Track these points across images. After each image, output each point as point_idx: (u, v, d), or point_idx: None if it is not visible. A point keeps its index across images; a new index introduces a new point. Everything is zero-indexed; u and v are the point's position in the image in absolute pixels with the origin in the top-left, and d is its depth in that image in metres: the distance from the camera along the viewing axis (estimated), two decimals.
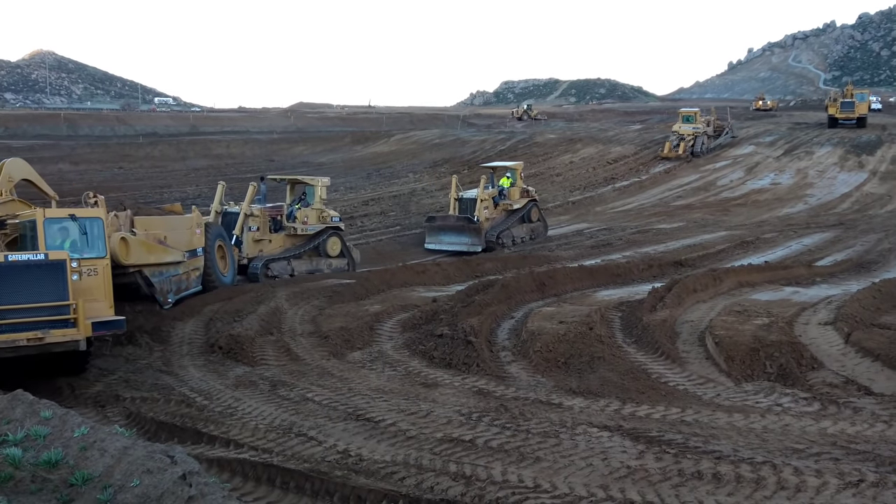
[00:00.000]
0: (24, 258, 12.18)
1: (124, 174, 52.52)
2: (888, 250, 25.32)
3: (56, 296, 12.20)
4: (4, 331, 11.79)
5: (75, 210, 13.53)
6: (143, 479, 6.58)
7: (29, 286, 12.03)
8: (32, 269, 12.11)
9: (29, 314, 11.98)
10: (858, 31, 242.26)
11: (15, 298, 11.91)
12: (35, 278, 12.09)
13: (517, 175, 30.95)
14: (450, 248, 28.38)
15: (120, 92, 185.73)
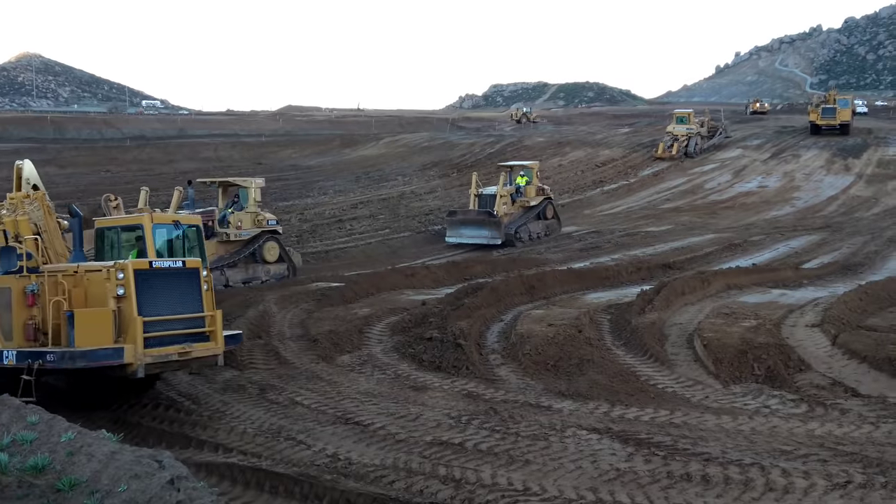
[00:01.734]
0: (166, 265, 11.20)
1: (112, 177, 52.23)
2: (874, 253, 25.49)
3: (192, 306, 11.29)
4: (152, 344, 10.71)
5: (178, 216, 12.56)
6: (131, 483, 6.54)
7: (168, 295, 11.07)
8: (171, 276, 11.19)
9: (170, 326, 10.99)
10: (844, 35, 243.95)
11: (158, 309, 10.91)
12: (172, 287, 11.15)
13: (533, 174, 31.90)
14: (470, 241, 29.15)
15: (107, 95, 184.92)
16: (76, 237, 11.95)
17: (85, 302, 10.85)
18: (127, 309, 10.67)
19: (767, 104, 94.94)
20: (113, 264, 10.87)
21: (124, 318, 10.65)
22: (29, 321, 10.75)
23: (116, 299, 10.68)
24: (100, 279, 10.87)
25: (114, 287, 10.66)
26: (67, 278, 10.94)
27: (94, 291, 10.92)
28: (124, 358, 10.33)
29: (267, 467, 9.50)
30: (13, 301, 10.72)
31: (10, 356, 10.51)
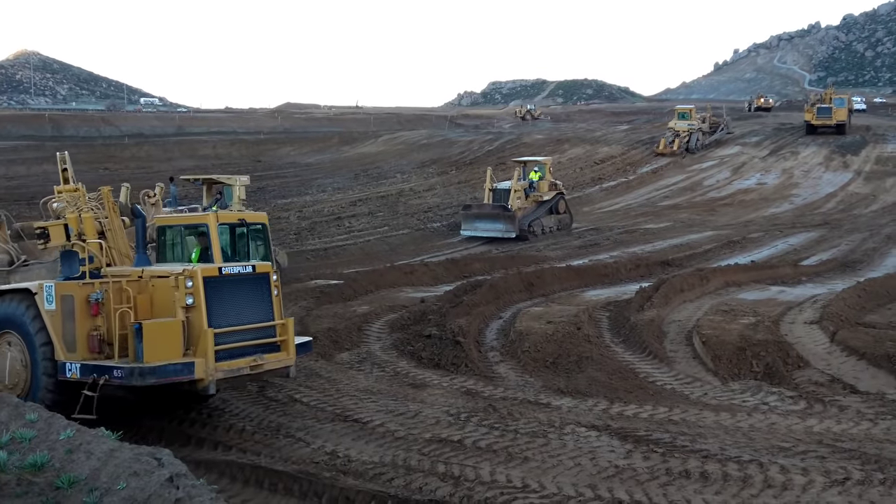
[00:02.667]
0: (235, 270, 10.47)
1: (110, 175, 52.04)
2: (873, 250, 25.52)
3: (263, 314, 10.57)
4: (223, 357, 9.99)
5: (244, 214, 11.65)
6: (130, 481, 6.54)
7: (238, 303, 10.36)
8: (240, 283, 10.43)
9: (241, 337, 10.27)
10: (843, 32, 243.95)
11: (228, 318, 10.18)
12: (242, 294, 10.43)
13: (546, 169, 32.82)
14: (485, 234, 29.91)
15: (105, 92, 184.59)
16: (140, 239, 11.03)
17: (150, 310, 10.13)
18: (196, 319, 9.93)
19: (772, 100, 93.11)
20: (182, 271, 10.04)
21: (193, 330, 9.91)
22: (93, 332, 10.02)
23: (185, 309, 9.94)
24: (167, 286, 10.11)
25: (183, 296, 9.89)
26: (132, 284, 10.22)
27: (160, 299, 10.17)
28: (195, 373, 9.66)
29: (266, 465, 9.50)
30: (76, 310, 9.97)
31: (73, 369, 9.78)
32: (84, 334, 9.99)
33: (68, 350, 9.91)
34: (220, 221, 11.01)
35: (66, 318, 9.97)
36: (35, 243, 13.57)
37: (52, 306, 9.92)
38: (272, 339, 10.59)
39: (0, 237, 13.25)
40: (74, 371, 9.78)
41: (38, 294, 9.96)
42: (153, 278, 10.34)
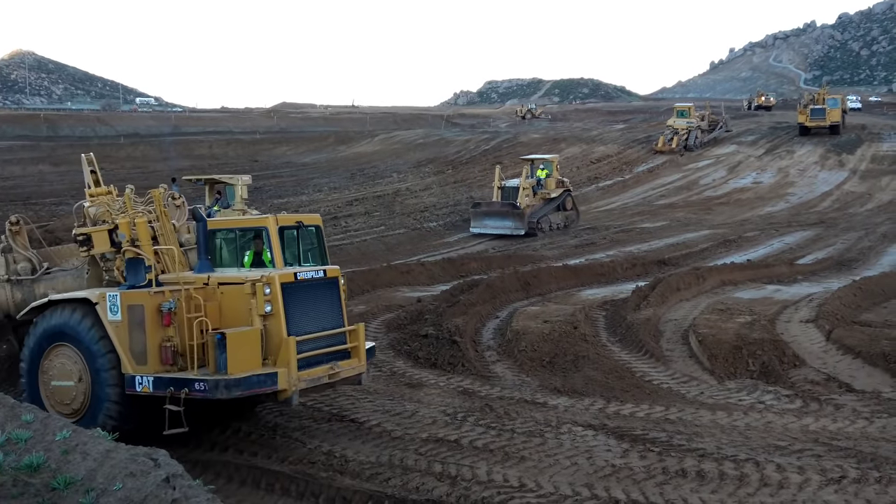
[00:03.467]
0: (309, 275, 10.06)
1: (105, 175, 51.74)
2: (868, 248, 25.58)
3: (335, 320, 10.22)
4: (302, 366, 9.55)
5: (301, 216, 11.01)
6: (126, 482, 6.53)
7: (311, 309, 9.96)
8: (313, 288, 10.06)
9: (317, 345, 9.90)
10: (838, 30, 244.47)
11: (304, 325, 9.78)
12: (314, 300, 10.04)
13: (553, 167, 33.28)
14: (494, 231, 30.27)
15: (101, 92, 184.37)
16: (201, 244, 10.33)
17: (219, 319, 9.62)
18: (275, 328, 9.47)
19: (773, 98, 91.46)
20: (260, 277, 9.52)
21: (271, 339, 9.45)
22: (165, 343, 9.48)
23: (263, 317, 9.45)
24: (238, 294, 9.60)
25: (261, 303, 9.38)
26: (199, 292, 9.72)
27: (230, 307, 9.66)
28: (278, 384, 9.23)
29: (262, 465, 9.50)
30: (147, 320, 9.44)
31: (145, 383, 9.31)
32: (155, 346, 9.45)
33: (137, 363, 9.42)
34: (280, 225, 10.45)
35: (135, 329, 9.47)
36: (55, 249, 12.97)
37: (116, 317, 9.44)
38: (344, 346, 10.24)
39: (20, 243, 12.44)
40: (146, 385, 9.29)
41: (99, 304, 9.50)
42: (221, 285, 9.83)
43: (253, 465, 9.50)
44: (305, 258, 10.75)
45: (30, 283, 11.64)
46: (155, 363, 9.44)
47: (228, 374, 9.00)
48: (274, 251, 10.25)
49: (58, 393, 9.89)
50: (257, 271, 10.05)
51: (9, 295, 11.65)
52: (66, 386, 9.81)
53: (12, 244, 12.25)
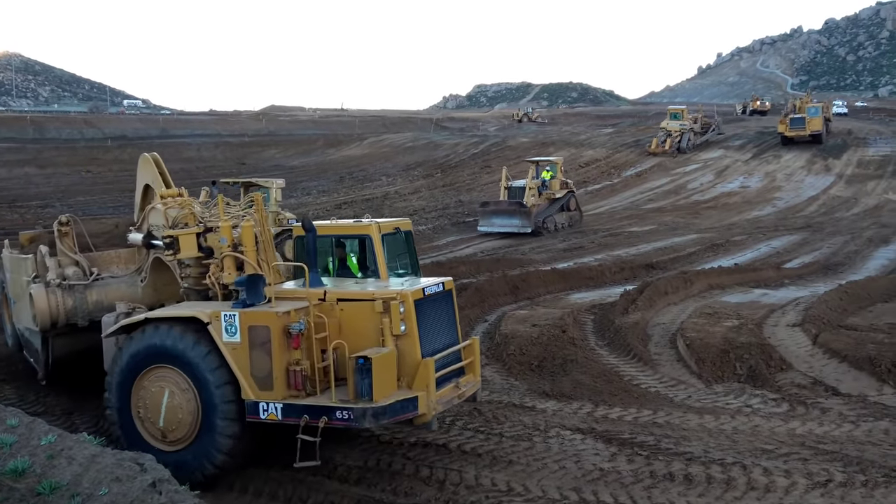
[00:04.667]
0: (433, 289, 9.42)
1: (92, 178, 51.83)
2: (854, 252, 25.75)
3: (453, 336, 9.65)
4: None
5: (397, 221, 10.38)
6: (112, 487, 6.49)
7: (434, 325, 9.28)
8: (435, 303, 9.38)
9: (443, 363, 9.19)
10: (825, 36, 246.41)
11: (432, 343, 9.10)
12: (435, 315, 9.34)
13: (558, 169, 34.37)
14: (501, 229, 31.02)
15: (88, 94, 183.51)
16: (312, 256, 9.47)
17: (339, 338, 8.82)
18: (408, 348, 8.78)
19: (769, 103, 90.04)
20: (395, 294, 8.79)
21: (403, 360, 8.75)
22: (294, 366, 8.63)
23: (395, 337, 8.74)
24: (364, 311, 8.86)
25: (396, 322, 8.66)
26: (317, 309, 8.92)
27: (351, 325, 8.88)
28: (418, 409, 8.63)
29: (250, 469, 9.45)
30: (273, 342, 8.57)
31: (271, 410, 8.58)
32: (282, 370, 8.60)
33: (260, 388, 8.61)
34: (384, 231, 9.77)
35: (257, 352, 8.63)
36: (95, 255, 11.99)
37: (234, 338, 8.66)
38: (463, 363, 9.66)
39: (67, 246, 11.56)
40: (273, 412, 8.56)
41: (211, 323, 8.72)
42: (341, 301, 8.99)
43: (240, 470, 9.44)
44: (395, 265, 10.10)
45: (82, 290, 10.88)
46: (282, 389, 8.59)
47: (374, 401, 8.27)
48: (378, 261, 9.60)
49: (156, 418, 9.05)
50: (374, 284, 9.39)
51: (59, 301, 10.87)
52: (165, 412, 8.96)
53: (60, 246, 11.53)
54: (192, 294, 10.16)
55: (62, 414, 11.68)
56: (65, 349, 11.41)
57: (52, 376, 11.70)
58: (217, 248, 9.81)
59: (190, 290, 10.17)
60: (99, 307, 11.04)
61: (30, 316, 11.24)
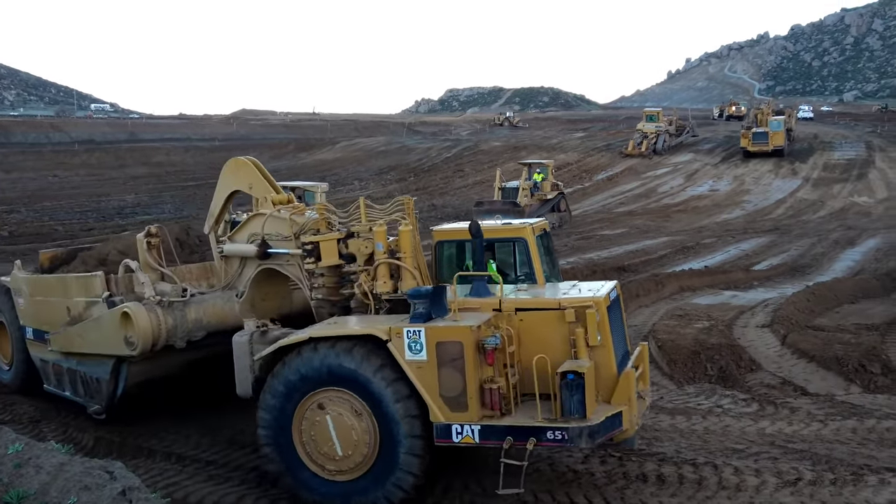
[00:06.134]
0: (614, 295, 8.86)
1: (59, 182, 51.11)
2: (821, 254, 26.16)
3: (625, 343, 9.13)
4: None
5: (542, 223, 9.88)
6: (81, 495, 6.39)
7: (614, 334, 8.55)
8: (613, 310, 8.73)
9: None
10: (791, 42, 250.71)
11: (618, 353, 8.48)
12: (614, 323, 8.68)
13: (548, 171, 35.65)
14: None
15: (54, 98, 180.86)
16: (479, 264, 8.77)
17: (518, 351, 8.25)
18: (604, 360, 8.17)
19: (744, 108, 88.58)
20: (590, 301, 8.18)
21: (600, 373, 8.13)
22: (489, 384, 7.86)
23: (589, 349, 8.08)
24: (547, 320, 8.23)
25: (593, 333, 8.02)
26: (497, 320, 8.28)
27: (532, 337, 8.25)
28: (623, 425, 8.04)
29: (223, 474, 9.35)
30: (466, 359, 7.76)
31: (466, 432, 7.83)
32: (476, 388, 7.83)
33: (451, 409, 7.86)
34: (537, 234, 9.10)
35: (447, 370, 7.86)
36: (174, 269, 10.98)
37: (420, 356, 7.87)
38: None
39: (153, 258, 10.59)
40: (469, 435, 7.83)
41: (391, 341, 7.94)
42: (520, 311, 8.32)
43: (212, 475, 9.34)
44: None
45: (181, 307, 9.91)
46: (475, 409, 7.84)
47: (587, 418, 7.63)
48: (535, 265, 8.99)
49: (325, 446, 8.23)
50: (550, 291, 8.84)
51: (161, 320, 9.75)
52: (336, 439, 8.18)
53: (149, 259, 10.49)
54: (326, 306, 9.32)
55: (29, 422, 11.50)
56: (140, 377, 10.27)
57: (115, 409, 10.55)
58: (361, 254, 9.11)
59: (323, 301, 9.31)
60: (198, 326, 10.03)
61: (92, 340, 10.27)
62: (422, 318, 8.07)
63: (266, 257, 9.83)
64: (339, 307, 9.32)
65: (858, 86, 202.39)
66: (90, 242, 29.01)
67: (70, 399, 11.27)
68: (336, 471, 8.20)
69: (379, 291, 8.88)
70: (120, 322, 9.81)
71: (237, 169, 10.85)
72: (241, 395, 9.07)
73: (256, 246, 9.81)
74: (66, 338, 10.92)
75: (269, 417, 8.34)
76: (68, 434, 10.98)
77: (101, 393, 10.54)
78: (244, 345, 9.13)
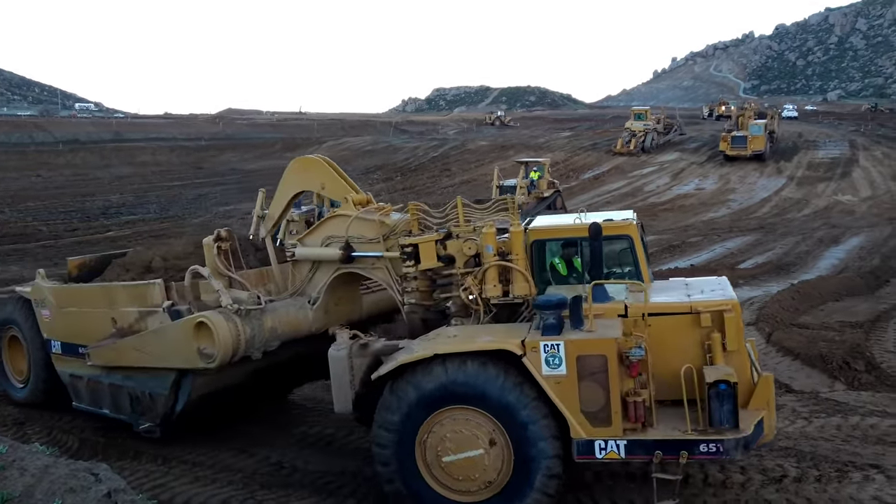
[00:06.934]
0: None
1: (43, 182, 50.72)
2: (806, 253, 26.34)
3: None
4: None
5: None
6: (66, 498, 6.35)
7: None
8: None
9: None
10: (775, 41, 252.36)
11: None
12: None
13: (545, 169, 35.82)
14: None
15: (38, 97, 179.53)
16: (599, 267, 8.24)
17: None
18: (740, 365, 7.81)
19: (734, 107, 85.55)
20: (729, 305, 7.89)
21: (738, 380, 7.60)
22: (633, 397, 7.46)
23: (726, 354, 7.78)
24: (680, 325, 7.92)
25: (732, 337, 7.75)
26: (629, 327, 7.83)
27: (662, 343, 7.83)
28: (764, 430, 7.74)
29: (210, 476, 9.32)
30: (610, 372, 7.40)
31: (610, 448, 7.46)
32: (619, 402, 7.45)
33: (593, 424, 7.47)
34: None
35: (588, 384, 7.47)
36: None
37: (559, 370, 7.47)
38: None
39: (222, 263, 9.95)
40: (613, 450, 7.47)
41: (527, 356, 7.51)
42: (650, 316, 7.88)
43: (199, 477, 9.31)
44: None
45: (258, 315, 9.26)
46: (619, 423, 7.45)
47: (741, 429, 7.32)
48: (641, 264, 8.62)
49: (451, 466, 7.79)
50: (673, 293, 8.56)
51: (241, 330, 9.05)
52: (465, 459, 7.72)
53: (218, 265, 9.84)
54: (419, 310, 9.03)
55: (13, 424, 11.42)
56: (204, 389, 9.65)
57: (171, 426, 9.94)
58: (461, 256, 8.73)
59: (416, 306, 9.01)
60: (273, 335, 9.39)
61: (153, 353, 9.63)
62: (555, 330, 7.61)
63: (350, 261, 9.47)
64: (433, 312, 9.03)
65: (842, 85, 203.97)
66: (73, 243, 29.01)
67: (109, 417, 10.62)
68: (464, 491, 7.79)
69: (488, 296, 8.47)
70: (193, 333, 9.11)
71: (307, 168, 10.43)
72: (339, 412, 8.68)
73: (340, 249, 9.42)
74: (114, 351, 10.12)
75: (389, 436, 7.85)
76: (53, 436, 10.91)
77: (156, 409, 9.88)
78: (343, 359, 8.61)
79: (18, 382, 12.22)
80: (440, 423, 7.75)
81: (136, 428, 10.11)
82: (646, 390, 7.53)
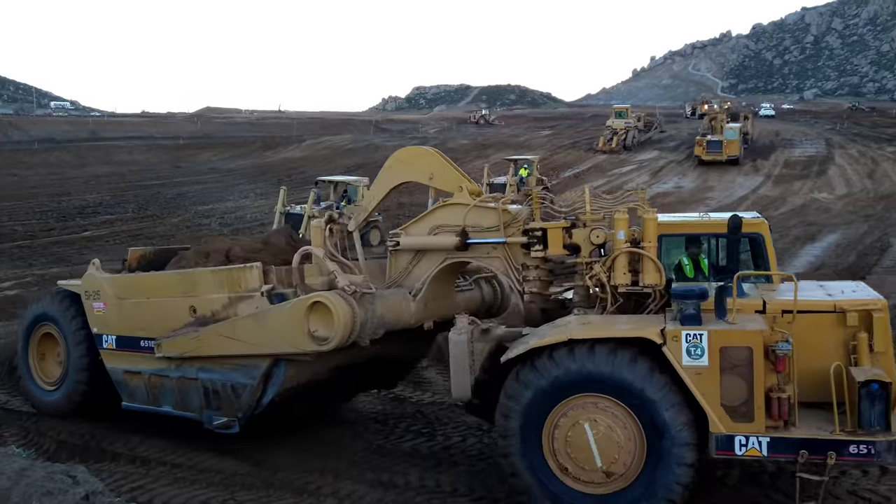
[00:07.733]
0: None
1: (18, 182, 50.10)
2: (783, 250, 26.56)
3: None
4: None
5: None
6: (43, 501, 6.29)
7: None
8: None
9: None
10: (752, 40, 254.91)
11: None
12: None
13: (534, 166, 37.42)
14: None
15: (13, 96, 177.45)
16: (735, 263, 8.06)
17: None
18: (888, 366, 7.51)
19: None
20: (879, 304, 7.66)
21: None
22: (778, 393, 7.22)
23: (871, 355, 7.51)
24: (824, 324, 7.70)
25: (881, 338, 7.51)
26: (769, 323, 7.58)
27: (803, 341, 7.46)
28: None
29: (189, 477, 9.25)
30: (754, 365, 7.18)
31: (753, 445, 7.23)
32: (762, 397, 7.22)
33: (734, 419, 7.24)
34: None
35: (730, 377, 7.24)
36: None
37: (700, 361, 7.24)
38: None
39: (333, 247, 9.63)
40: (755, 447, 7.23)
41: (666, 344, 7.30)
42: (801, 313, 7.63)
43: (178, 478, 9.24)
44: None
45: (371, 300, 8.92)
46: (762, 419, 7.24)
47: (892, 432, 7.08)
48: (772, 263, 8.54)
49: (581, 456, 7.58)
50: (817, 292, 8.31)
51: (357, 313, 8.66)
52: (606, 447, 7.55)
53: (329, 248, 9.47)
54: (538, 300, 8.91)
55: None
56: (294, 381, 9.24)
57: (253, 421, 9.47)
58: (587, 244, 8.66)
59: (535, 295, 8.90)
60: (381, 322, 9.03)
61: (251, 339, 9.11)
62: (696, 320, 7.42)
63: (465, 248, 9.26)
64: (553, 301, 8.94)
65: (819, 84, 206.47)
66: (49, 243, 28.68)
67: (170, 415, 10.12)
68: (593, 482, 7.58)
69: (616, 283, 8.26)
70: (305, 314, 8.68)
71: (415, 159, 10.24)
72: (457, 398, 8.55)
73: (457, 236, 9.20)
74: (196, 340, 9.51)
75: (514, 426, 7.66)
76: (30, 438, 10.75)
77: (239, 402, 9.38)
78: (463, 344, 8.49)
79: (49, 386, 11.34)
80: (569, 412, 7.58)
81: (209, 424, 9.65)
82: (790, 387, 7.28)
